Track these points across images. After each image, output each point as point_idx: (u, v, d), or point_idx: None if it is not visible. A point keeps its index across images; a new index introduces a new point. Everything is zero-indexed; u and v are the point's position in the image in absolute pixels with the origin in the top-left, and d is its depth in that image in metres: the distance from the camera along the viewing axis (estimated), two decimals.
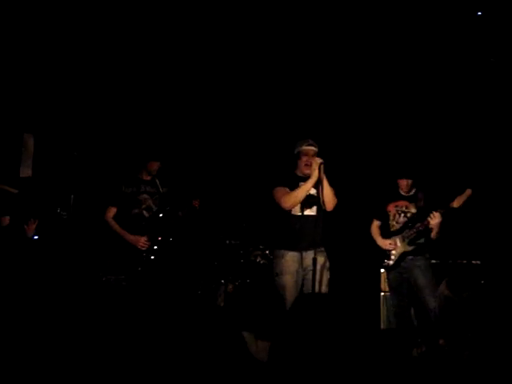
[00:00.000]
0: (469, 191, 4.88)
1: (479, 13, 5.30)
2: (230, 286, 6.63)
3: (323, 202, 4.58)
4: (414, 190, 5.24)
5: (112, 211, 5.24)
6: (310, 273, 4.47)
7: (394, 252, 5.12)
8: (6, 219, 5.32)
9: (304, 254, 4.61)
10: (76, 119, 6.50)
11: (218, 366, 3.94)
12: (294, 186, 4.69)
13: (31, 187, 6.17)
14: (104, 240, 5.95)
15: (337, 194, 4.72)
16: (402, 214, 5.20)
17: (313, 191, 4.67)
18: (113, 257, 5.49)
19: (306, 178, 4.62)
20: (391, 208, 5.25)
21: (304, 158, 4.72)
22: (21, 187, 5.71)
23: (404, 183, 5.21)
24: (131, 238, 5.13)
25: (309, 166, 4.65)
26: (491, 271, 5.66)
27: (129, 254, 5.19)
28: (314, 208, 4.68)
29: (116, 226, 5.22)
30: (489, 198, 6.03)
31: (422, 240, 5.10)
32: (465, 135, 6.80)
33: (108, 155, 6.66)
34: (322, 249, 4.70)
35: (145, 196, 5.28)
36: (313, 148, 4.73)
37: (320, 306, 4.28)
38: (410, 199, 5.23)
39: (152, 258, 5.19)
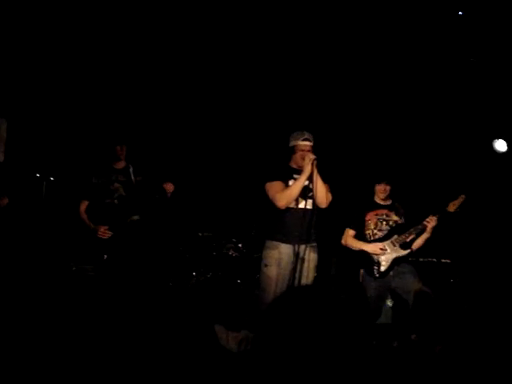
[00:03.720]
0: (463, 196, 4.80)
1: (460, 12, 5.22)
2: (202, 278, 6.52)
3: (316, 198, 4.44)
4: (390, 201, 5.12)
5: (84, 204, 5.10)
6: (299, 267, 4.34)
7: (383, 258, 4.95)
8: (4, 199, 5.14)
9: (297, 247, 4.43)
10: (49, 104, 6.29)
11: (188, 356, 3.78)
12: (288, 178, 4.53)
13: (3, 173, 5.95)
14: (74, 229, 5.80)
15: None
16: (384, 222, 5.01)
17: (310, 185, 4.50)
18: (81, 246, 5.35)
19: (300, 171, 4.46)
20: (371, 216, 5.06)
21: (299, 153, 4.53)
22: None
23: (382, 188, 5.06)
24: (92, 227, 4.99)
25: (304, 160, 4.40)
26: (461, 269, 5.60)
27: (96, 244, 5.03)
28: (310, 202, 4.51)
29: (85, 219, 5.06)
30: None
31: (411, 244, 4.98)
32: (444, 140, 6.75)
33: (80, 143, 6.46)
34: (315, 244, 4.55)
35: (116, 185, 5.13)
36: (308, 143, 4.54)
37: (302, 300, 4.15)
38: (389, 208, 5.05)
39: (118, 247, 5.02)
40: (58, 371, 3.53)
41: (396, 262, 4.91)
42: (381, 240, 4.96)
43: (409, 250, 4.92)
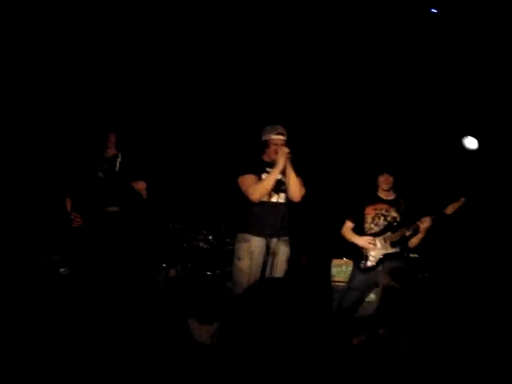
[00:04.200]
0: (463, 199, 4.80)
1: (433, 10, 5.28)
2: (172, 271, 6.50)
3: (289, 192, 4.45)
4: (394, 195, 5.13)
5: (69, 202, 5.01)
6: (271, 261, 4.36)
7: (372, 253, 4.98)
8: None
9: (269, 240, 4.44)
10: (15, 94, 6.15)
11: (159, 349, 3.78)
12: (260, 172, 4.52)
13: None
14: (42, 219, 5.71)
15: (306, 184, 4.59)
16: (382, 217, 5.03)
17: (283, 178, 4.51)
18: (51, 236, 5.27)
19: (273, 164, 4.46)
20: (370, 211, 5.08)
21: (272, 147, 4.51)
22: None
23: (384, 179, 5.06)
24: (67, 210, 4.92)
25: (276, 154, 4.46)
26: (429, 264, 5.69)
27: (68, 234, 4.96)
28: (283, 195, 4.52)
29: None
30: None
31: (402, 243, 5.01)
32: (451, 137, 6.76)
33: (58, 126, 6.34)
34: (287, 238, 4.56)
35: (100, 175, 5.03)
36: (282, 137, 4.53)
37: (271, 292, 4.17)
38: (390, 203, 5.08)
39: (90, 238, 4.95)
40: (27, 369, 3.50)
41: (384, 258, 4.96)
42: (375, 235, 5.01)
43: (397, 249, 4.95)
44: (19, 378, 3.30)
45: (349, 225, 5.14)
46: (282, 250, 4.47)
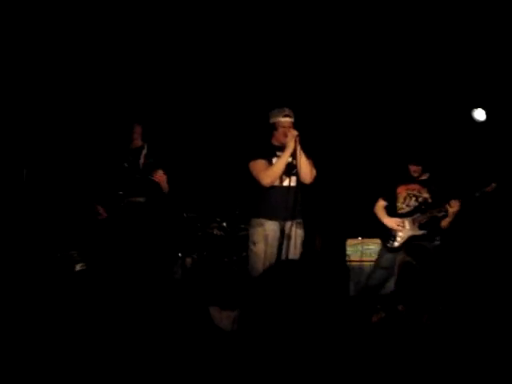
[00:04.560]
0: (494, 185, 4.76)
1: None
2: (188, 259, 6.52)
3: (300, 174, 4.45)
4: (427, 175, 5.09)
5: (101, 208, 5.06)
6: (286, 244, 4.37)
7: (400, 234, 4.98)
8: None
9: (282, 223, 4.45)
10: (26, 94, 6.17)
11: (181, 337, 3.80)
12: (270, 156, 4.52)
13: None
14: (57, 215, 5.74)
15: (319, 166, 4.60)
16: (414, 198, 5.02)
17: (293, 161, 4.50)
18: (66, 231, 5.30)
19: (282, 148, 4.45)
20: (402, 190, 5.08)
21: (281, 130, 4.50)
22: None
23: (413, 169, 5.05)
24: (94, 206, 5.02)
25: (285, 137, 4.44)
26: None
27: (83, 227, 5.01)
28: (294, 178, 4.51)
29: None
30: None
31: (432, 225, 4.97)
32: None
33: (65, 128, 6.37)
34: (300, 220, 4.57)
35: (125, 165, 5.07)
36: (289, 119, 4.51)
37: (289, 276, 4.19)
38: (423, 183, 5.07)
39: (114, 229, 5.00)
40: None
41: (411, 240, 4.95)
42: (405, 215, 5.00)
43: (424, 231, 4.93)
44: (35, 375, 3.35)
45: (381, 203, 5.16)
46: (297, 233, 4.47)
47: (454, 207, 4.83)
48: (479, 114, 6.47)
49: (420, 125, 6.68)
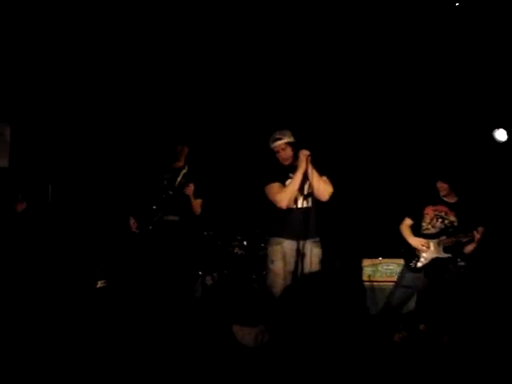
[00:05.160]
0: None
1: (457, 3, 5.25)
2: (208, 278, 6.52)
3: (315, 193, 4.50)
4: (455, 198, 5.05)
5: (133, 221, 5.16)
6: (302, 263, 4.39)
7: (424, 255, 4.96)
8: (22, 204, 5.17)
9: (299, 242, 4.48)
10: (53, 109, 6.28)
11: (203, 353, 3.82)
12: (285, 178, 4.58)
13: (8, 178, 5.96)
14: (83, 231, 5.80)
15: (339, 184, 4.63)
16: (440, 220, 4.98)
17: (307, 181, 4.55)
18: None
19: (295, 168, 4.51)
20: (429, 211, 5.03)
21: (278, 155, 4.61)
22: None
23: (442, 186, 5.03)
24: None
25: (286, 159, 4.55)
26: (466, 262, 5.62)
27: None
28: (310, 199, 4.58)
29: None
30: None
31: (456, 249, 4.96)
32: None
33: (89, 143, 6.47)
34: (317, 239, 4.60)
35: (165, 183, 5.18)
36: (279, 142, 4.59)
37: (310, 295, 4.20)
38: (451, 206, 5.01)
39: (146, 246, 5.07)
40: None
41: (435, 261, 4.93)
42: (430, 237, 4.97)
43: (450, 255, 4.91)
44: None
45: (408, 222, 5.12)
46: (312, 251, 4.49)
47: (480, 234, 4.79)
48: (500, 135, 6.44)
49: (447, 144, 6.66)
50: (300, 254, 4.41)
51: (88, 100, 6.37)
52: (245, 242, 6.69)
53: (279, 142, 4.57)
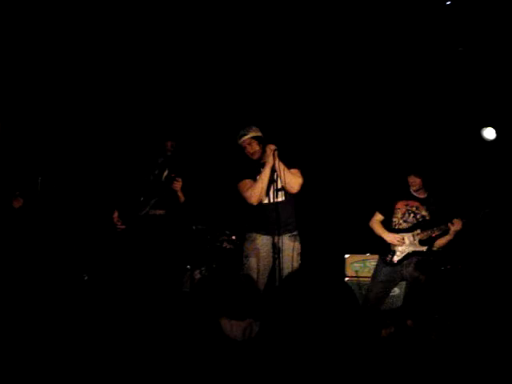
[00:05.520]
0: (487, 210, 4.82)
1: (448, 2, 5.26)
2: (197, 272, 6.51)
3: (285, 186, 4.52)
4: (426, 194, 5.10)
5: (116, 213, 5.17)
6: (280, 257, 4.40)
7: (400, 249, 4.98)
8: (19, 201, 5.12)
9: (276, 238, 4.48)
10: (41, 100, 6.24)
11: (192, 347, 3.80)
12: (255, 174, 4.62)
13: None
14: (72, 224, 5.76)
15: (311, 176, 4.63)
16: (412, 214, 5.02)
17: (276, 175, 4.57)
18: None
19: (264, 164, 4.54)
20: (401, 205, 5.06)
21: (245, 150, 4.67)
22: None
23: (415, 181, 5.04)
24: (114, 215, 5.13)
25: (253, 153, 4.62)
26: (453, 258, 5.65)
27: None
28: (282, 193, 4.59)
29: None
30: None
31: (432, 242, 4.98)
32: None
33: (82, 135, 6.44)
34: (295, 233, 4.61)
35: (151, 178, 5.19)
36: (244, 138, 4.64)
37: (290, 289, 4.20)
38: (422, 201, 5.07)
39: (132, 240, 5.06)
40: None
41: (410, 255, 4.95)
42: (404, 231, 4.99)
43: (426, 247, 4.93)
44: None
45: (378, 217, 5.14)
46: (289, 245, 4.51)
47: (456, 226, 4.85)
48: (489, 133, 6.47)
49: (422, 140, 6.70)
50: (276, 249, 4.43)
51: (77, 93, 6.33)
52: (233, 237, 6.69)
53: (244, 138, 4.63)
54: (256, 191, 4.51)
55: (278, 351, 3.51)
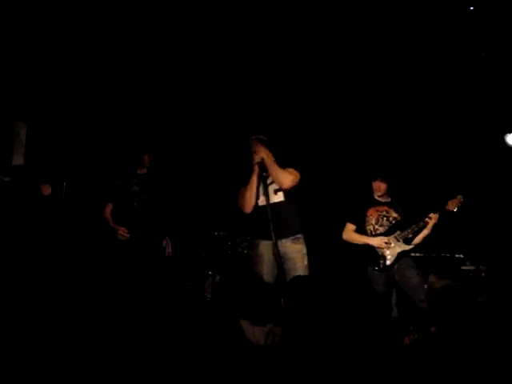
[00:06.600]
0: (459, 197, 4.85)
1: (472, 7, 5.19)
2: (218, 277, 6.47)
3: (278, 184, 4.49)
4: (389, 198, 5.13)
5: (109, 207, 5.23)
6: (285, 261, 4.33)
7: (388, 252, 4.94)
8: (48, 188, 5.16)
9: (279, 242, 4.40)
10: (68, 108, 6.28)
11: (213, 351, 3.74)
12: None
13: (23, 175, 5.92)
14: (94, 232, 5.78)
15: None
16: (385, 218, 5.09)
17: (269, 179, 4.57)
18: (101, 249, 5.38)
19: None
20: (372, 212, 5.11)
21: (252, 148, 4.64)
22: (13, 175, 5.53)
23: (381, 186, 5.06)
24: (113, 227, 5.07)
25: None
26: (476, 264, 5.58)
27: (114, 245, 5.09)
28: (280, 194, 4.53)
29: (109, 220, 5.23)
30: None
31: (412, 240, 5.01)
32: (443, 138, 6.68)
33: (101, 146, 6.48)
34: (299, 235, 4.53)
35: (135, 188, 5.19)
36: (256, 136, 4.65)
37: (300, 294, 4.12)
38: (388, 205, 5.12)
39: (134, 249, 5.06)
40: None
41: (400, 256, 4.93)
42: (384, 235, 4.98)
43: (412, 245, 4.94)
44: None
45: (351, 227, 5.14)
46: (295, 249, 4.44)
47: (434, 219, 4.90)
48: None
49: (385, 142, 6.67)
50: (280, 254, 4.35)
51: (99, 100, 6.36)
52: None
53: (256, 136, 4.64)
54: (245, 199, 4.51)
55: (301, 356, 3.44)
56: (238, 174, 4.77)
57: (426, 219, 4.91)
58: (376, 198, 5.15)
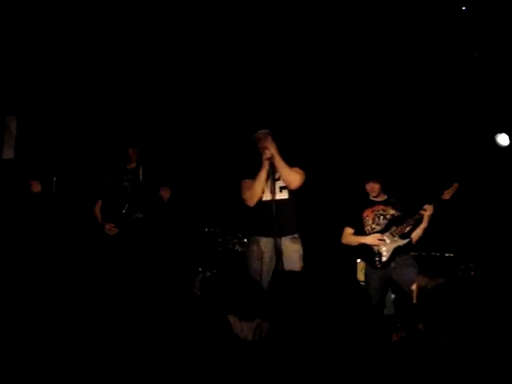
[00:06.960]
0: (456, 185, 4.83)
1: (464, 7, 5.19)
2: (208, 274, 6.45)
3: (285, 182, 4.48)
4: (385, 196, 5.10)
5: (99, 203, 5.19)
6: (281, 259, 4.32)
7: (384, 248, 4.93)
8: (37, 185, 5.12)
9: (278, 240, 4.38)
10: (59, 102, 6.24)
11: (201, 347, 3.72)
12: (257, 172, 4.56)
13: (13, 169, 5.89)
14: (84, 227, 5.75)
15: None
16: (382, 216, 5.06)
17: (277, 175, 4.54)
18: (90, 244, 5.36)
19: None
20: (369, 213, 5.10)
21: (258, 144, 4.60)
22: (2, 169, 5.49)
23: (374, 187, 5.05)
24: (99, 222, 5.06)
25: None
26: (465, 263, 5.58)
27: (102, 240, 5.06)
28: (284, 191, 4.52)
29: (98, 217, 5.21)
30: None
31: (409, 234, 4.98)
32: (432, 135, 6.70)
33: (92, 141, 6.44)
34: (296, 235, 4.52)
35: (125, 184, 5.16)
36: (262, 131, 4.62)
37: (292, 293, 4.11)
38: (385, 203, 5.09)
39: (122, 244, 5.03)
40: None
41: (397, 251, 4.92)
42: (380, 232, 4.95)
43: (408, 240, 4.92)
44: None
45: (349, 231, 5.14)
46: (290, 248, 4.43)
47: (428, 211, 4.89)
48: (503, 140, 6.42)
49: (377, 142, 6.68)
50: (278, 252, 4.34)
51: (92, 98, 6.33)
52: (245, 240, 6.63)
53: (261, 131, 4.61)
54: (252, 193, 4.48)
55: (288, 352, 3.42)
56: (240, 167, 4.74)
57: (421, 211, 4.90)
58: (371, 198, 5.13)
